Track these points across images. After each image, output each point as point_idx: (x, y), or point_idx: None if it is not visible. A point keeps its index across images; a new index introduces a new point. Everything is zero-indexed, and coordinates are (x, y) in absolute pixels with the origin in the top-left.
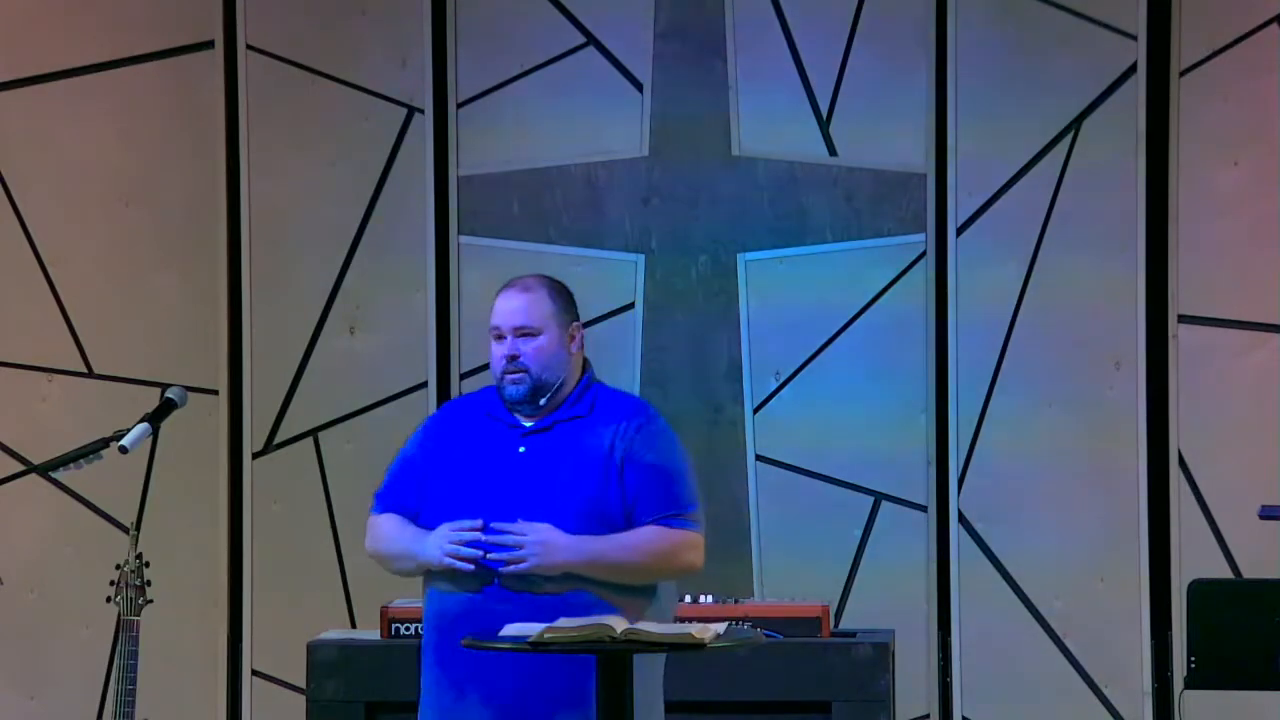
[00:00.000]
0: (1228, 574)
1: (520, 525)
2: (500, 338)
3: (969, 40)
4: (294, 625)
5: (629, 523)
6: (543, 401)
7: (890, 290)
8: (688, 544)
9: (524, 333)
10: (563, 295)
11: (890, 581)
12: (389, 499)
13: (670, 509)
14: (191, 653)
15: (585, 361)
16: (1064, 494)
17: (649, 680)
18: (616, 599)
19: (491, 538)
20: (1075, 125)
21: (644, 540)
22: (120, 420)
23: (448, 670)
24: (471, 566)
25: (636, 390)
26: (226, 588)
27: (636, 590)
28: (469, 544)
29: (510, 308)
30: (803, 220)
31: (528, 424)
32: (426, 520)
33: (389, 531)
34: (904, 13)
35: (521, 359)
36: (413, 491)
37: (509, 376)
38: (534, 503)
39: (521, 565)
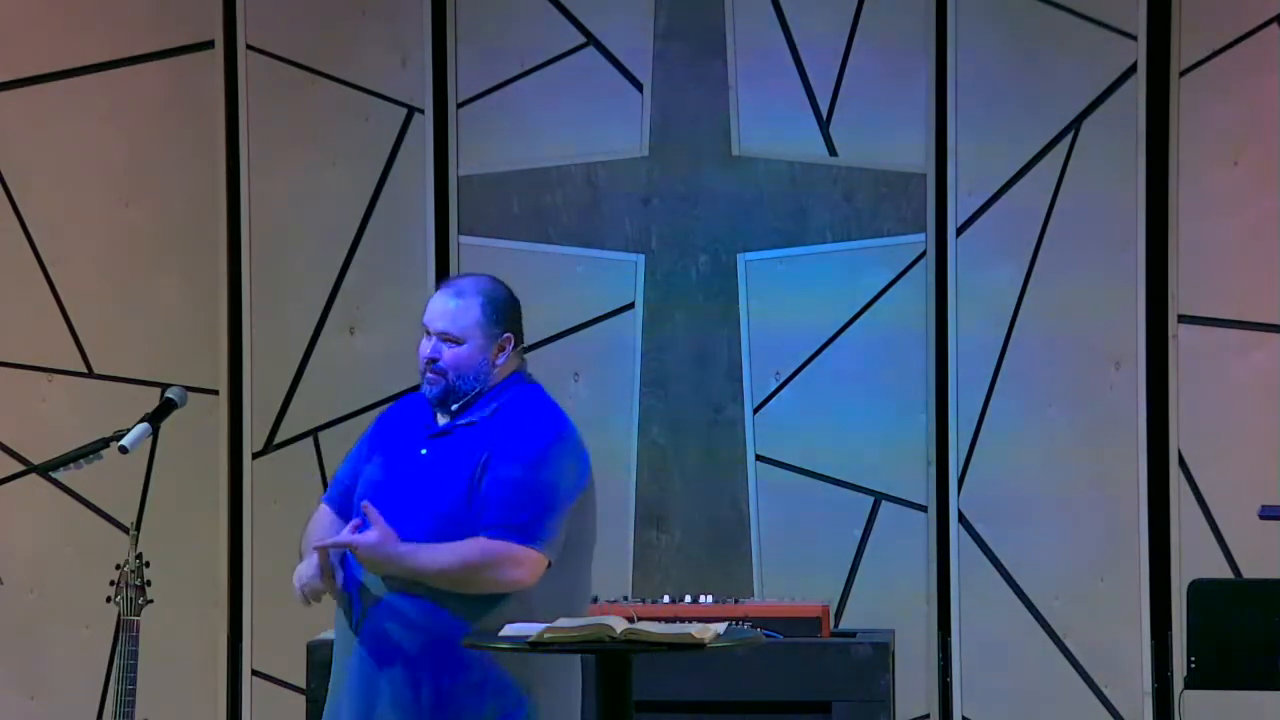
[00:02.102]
0: (1228, 574)
1: (346, 537)
2: (427, 334)
3: (969, 40)
4: (294, 625)
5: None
6: (454, 406)
7: (890, 290)
8: (510, 558)
9: (447, 338)
10: (496, 305)
11: (890, 581)
12: (332, 488)
13: (503, 520)
14: (191, 653)
15: (522, 363)
16: (1064, 493)
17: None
18: (454, 606)
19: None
20: (1075, 125)
21: (464, 552)
22: (120, 420)
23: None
24: (300, 596)
25: (637, 390)
26: (226, 588)
27: (472, 599)
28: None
29: (438, 310)
30: (803, 220)
31: (437, 424)
32: (352, 513)
33: (310, 528)
34: (904, 13)
35: (440, 363)
36: (350, 482)
37: (427, 375)
38: (412, 506)
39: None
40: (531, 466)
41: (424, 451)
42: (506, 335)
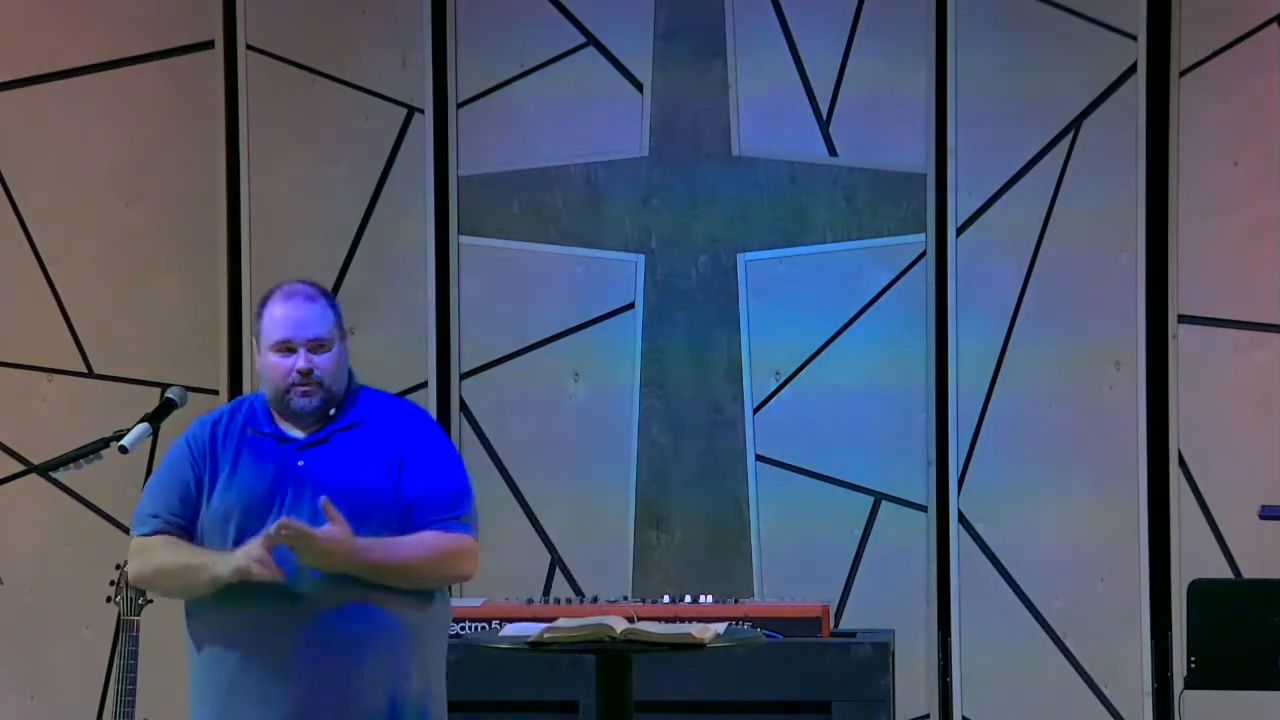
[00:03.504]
0: (1228, 574)
1: (311, 529)
2: (290, 350)
3: (969, 40)
4: None
5: (407, 525)
6: (332, 412)
7: (890, 290)
8: (464, 549)
9: (318, 346)
10: (337, 304)
11: (890, 581)
12: (156, 520)
13: (447, 513)
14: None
15: None
16: (1064, 494)
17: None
18: (395, 604)
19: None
20: (1075, 125)
21: (423, 545)
22: (120, 420)
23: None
24: (270, 575)
25: (637, 390)
26: None
27: (414, 594)
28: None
29: (301, 318)
30: (803, 220)
31: (300, 435)
32: (210, 540)
33: (173, 554)
34: (904, 13)
35: (316, 373)
36: (184, 512)
37: (299, 389)
38: (316, 512)
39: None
40: (450, 463)
41: (301, 463)
42: (346, 334)
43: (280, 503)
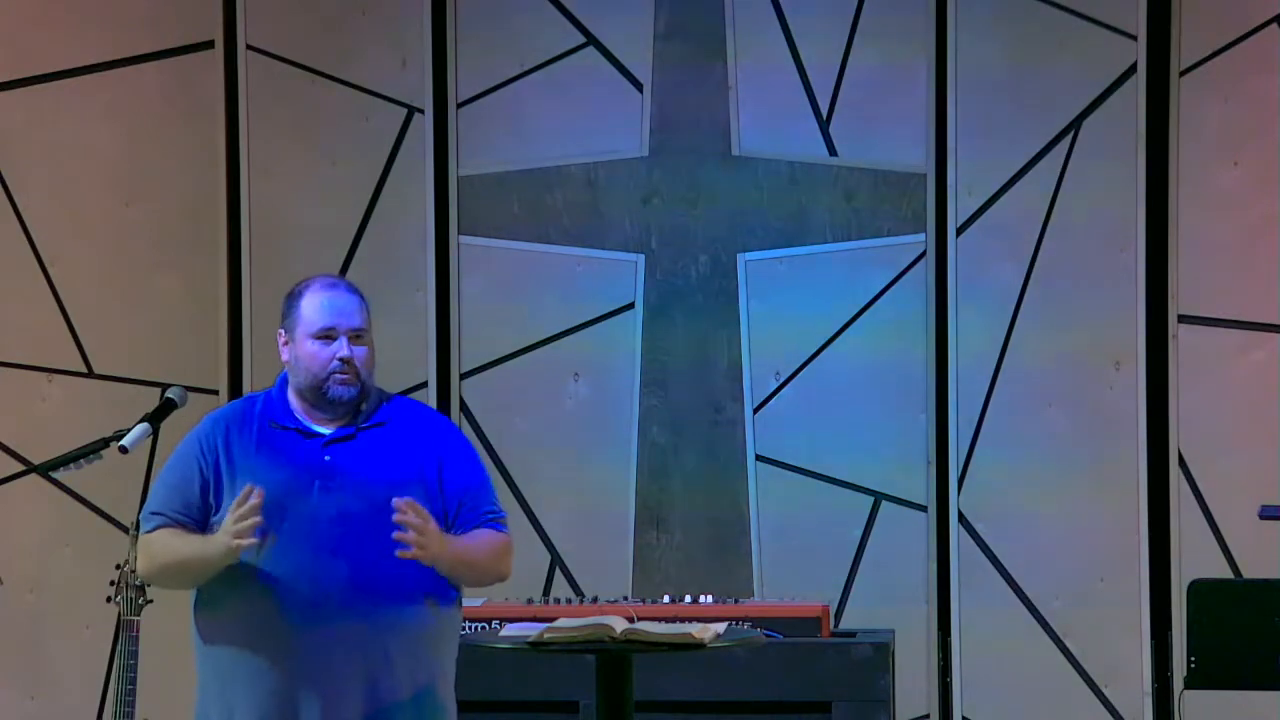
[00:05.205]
0: (1228, 574)
1: (422, 516)
2: (332, 338)
3: (969, 40)
4: None
5: (449, 527)
6: (364, 406)
7: (890, 290)
8: (510, 548)
9: (358, 336)
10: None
11: (890, 582)
12: (159, 518)
13: (493, 514)
14: (191, 653)
15: None
16: (1064, 494)
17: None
18: (421, 603)
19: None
20: (1075, 125)
21: (489, 542)
22: (120, 420)
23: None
24: (256, 540)
25: (637, 390)
26: None
27: (440, 595)
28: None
29: (344, 307)
30: (803, 220)
31: (325, 431)
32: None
33: (170, 543)
34: (904, 13)
35: (356, 363)
36: (187, 510)
37: (339, 377)
38: (360, 510)
39: (414, 552)
40: (480, 465)
41: (328, 458)
42: None
43: (307, 497)
